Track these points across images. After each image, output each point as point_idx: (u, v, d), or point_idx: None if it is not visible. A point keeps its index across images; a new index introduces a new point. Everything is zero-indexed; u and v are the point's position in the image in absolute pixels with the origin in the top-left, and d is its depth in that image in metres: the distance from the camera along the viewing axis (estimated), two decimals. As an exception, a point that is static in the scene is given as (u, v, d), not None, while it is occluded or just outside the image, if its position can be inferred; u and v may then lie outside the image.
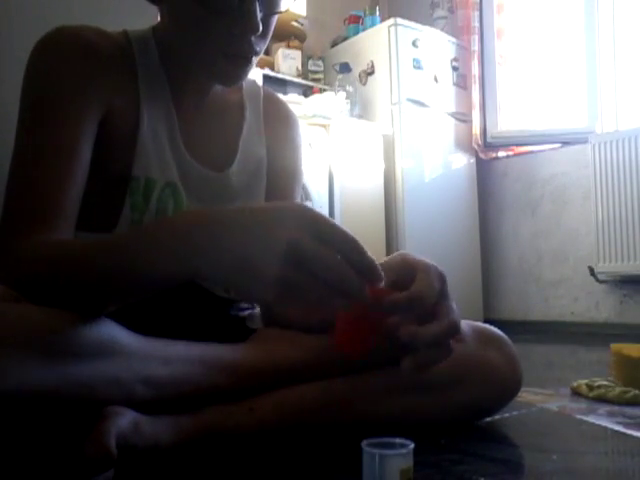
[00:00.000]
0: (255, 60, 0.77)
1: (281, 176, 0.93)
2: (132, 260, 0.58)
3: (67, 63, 0.72)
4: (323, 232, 0.53)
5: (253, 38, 0.72)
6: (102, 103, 0.74)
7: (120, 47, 0.78)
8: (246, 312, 0.91)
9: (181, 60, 0.80)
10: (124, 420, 0.58)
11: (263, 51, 0.77)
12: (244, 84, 0.91)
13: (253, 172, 0.89)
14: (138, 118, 0.77)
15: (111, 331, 0.63)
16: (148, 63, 0.80)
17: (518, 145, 3.34)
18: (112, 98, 0.75)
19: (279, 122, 0.94)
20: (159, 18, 0.82)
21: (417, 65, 3.12)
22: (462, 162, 3.29)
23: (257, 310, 0.94)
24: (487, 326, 0.89)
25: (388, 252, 2.96)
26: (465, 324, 0.87)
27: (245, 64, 0.76)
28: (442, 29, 3.42)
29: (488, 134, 3.39)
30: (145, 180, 0.77)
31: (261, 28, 0.71)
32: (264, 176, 0.91)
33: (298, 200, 0.96)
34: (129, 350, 0.62)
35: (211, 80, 0.82)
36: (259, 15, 0.70)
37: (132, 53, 0.79)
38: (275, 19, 0.76)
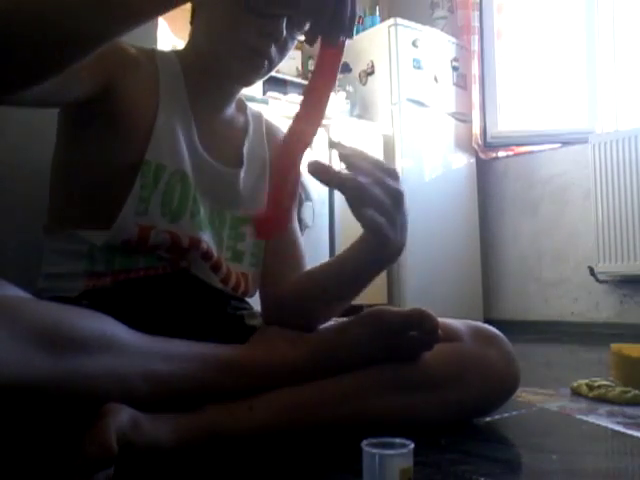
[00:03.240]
0: (268, 69, 0.85)
1: None
2: None
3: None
4: None
5: (274, 46, 0.82)
6: (110, 75, 0.78)
7: (145, 57, 0.86)
8: (244, 312, 0.91)
9: (203, 69, 0.88)
10: (123, 417, 0.58)
11: (276, 66, 0.86)
12: (249, 110, 1.00)
13: (257, 178, 0.96)
14: (155, 115, 0.83)
15: (112, 327, 0.63)
16: (170, 75, 0.87)
17: (518, 145, 3.34)
18: (131, 92, 0.81)
19: (276, 144, 1.03)
20: (188, 37, 0.91)
21: (417, 65, 3.12)
22: (462, 162, 3.29)
23: (255, 310, 0.94)
24: (484, 325, 0.90)
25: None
26: (462, 323, 0.88)
27: (259, 66, 0.84)
28: (442, 29, 3.42)
29: (488, 134, 3.39)
30: (156, 165, 0.82)
31: (282, 39, 0.82)
32: (266, 181, 0.98)
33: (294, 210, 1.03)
34: (130, 346, 0.63)
35: (228, 78, 0.89)
36: (284, 31, 0.81)
37: (155, 64, 0.87)
38: (293, 44, 0.86)
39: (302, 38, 0.77)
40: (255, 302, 0.98)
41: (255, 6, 0.78)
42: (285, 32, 0.81)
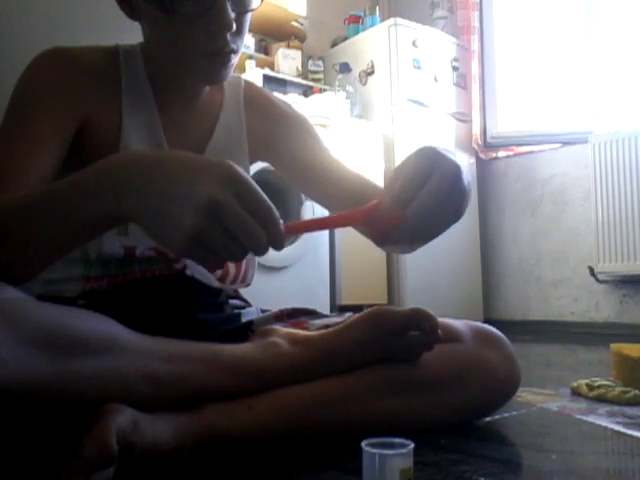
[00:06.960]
0: (235, 58, 0.81)
1: (295, 142, 0.99)
2: (53, 203, 0.59)
3: (50, 74, 0.79)
4: (243, 194, 0.55)
5: (229, 36, 0.77)
6: (80, 111, 0.80)
7: (106, 61, 0.84)
8: (242, 310, 0.91)
9: (165, 68, 0.85)
10: (123, 417, 0.58)
11: (242, 49, 0.81)
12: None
13: (230, 154, 0.92)
14: (120, 125, 0.82)
15: (112, 328, 0.63)
16: (133, 74, 0.85)
17: (518, 145, 3.34)
18: (93, 108, 0.81)
19: (260, 104, 0.99)
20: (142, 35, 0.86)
21: (417, 65, 3.12)
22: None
23: (253, 307, 0.94)
24: (485, 326, 0.90)
25: (387, 253, 2.96)
26: (463, 324, 0.88)
27: (225, 62, 0.80)
28: (442, 29, 3.42)
29: (488, 134, 3.39)
30: None
31: (235, 26, 0.76)
32: (245, 157, 0.95)
33: (323, 151, 1.03)
34: (130, 347, 0.63)
35: (196, 81, 0.86)
36: (232, 14, 0.76)
37: (118, 65, 0.84)
38: (249, 17, 0.81)
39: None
40: (254, 301, 0.98)
41: None
42: (232, 16, 0.76)
